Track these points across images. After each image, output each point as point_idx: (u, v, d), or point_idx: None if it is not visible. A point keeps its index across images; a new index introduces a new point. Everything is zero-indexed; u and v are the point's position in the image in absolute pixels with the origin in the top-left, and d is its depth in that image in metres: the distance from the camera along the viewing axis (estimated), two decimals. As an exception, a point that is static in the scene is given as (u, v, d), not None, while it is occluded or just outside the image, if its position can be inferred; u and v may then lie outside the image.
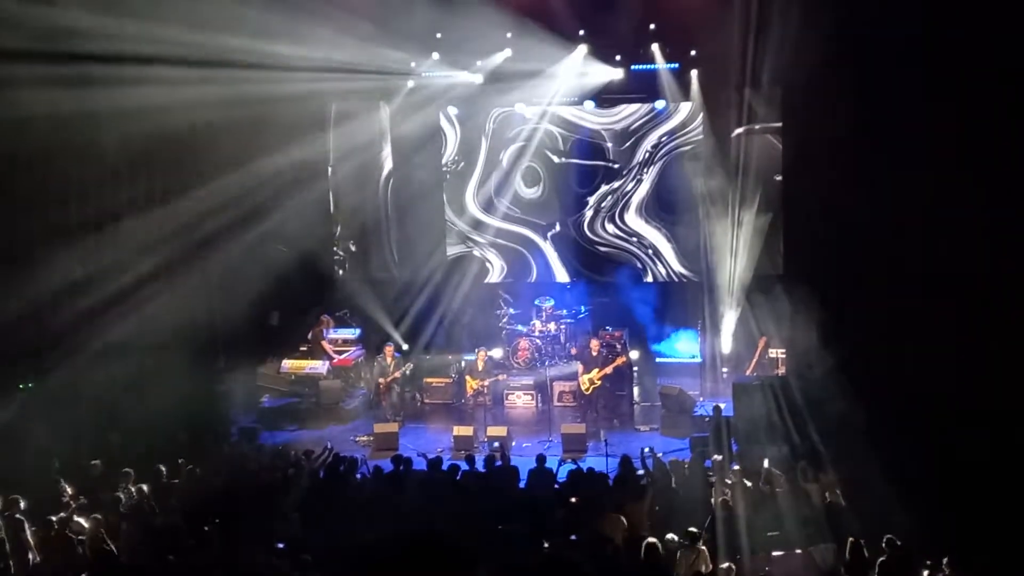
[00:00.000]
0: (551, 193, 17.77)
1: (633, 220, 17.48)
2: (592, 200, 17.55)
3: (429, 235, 17.95)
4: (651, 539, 8.17)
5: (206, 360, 14.49)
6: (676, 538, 8.67)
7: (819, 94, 12.81)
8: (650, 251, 17.50)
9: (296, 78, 14.26)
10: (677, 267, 17.38)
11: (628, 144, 17.28)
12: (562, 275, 17.91)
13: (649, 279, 17.51)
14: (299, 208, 15.89)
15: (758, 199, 15.64)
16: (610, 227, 17.55)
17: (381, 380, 15.21)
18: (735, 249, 15.72)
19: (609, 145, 17.33)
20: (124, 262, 13.07)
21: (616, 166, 17.39)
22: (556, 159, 17.58)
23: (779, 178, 15.55)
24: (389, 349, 15.51)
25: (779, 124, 15.34)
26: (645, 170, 17.28)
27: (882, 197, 12.40)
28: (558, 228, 17.79)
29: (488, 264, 18.18)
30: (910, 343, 11.96)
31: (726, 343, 15.79)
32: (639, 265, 17.54)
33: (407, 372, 15.60)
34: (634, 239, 17.52)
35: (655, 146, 17.18)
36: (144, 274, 13.25)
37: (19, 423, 11.38)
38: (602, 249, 17.67)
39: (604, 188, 17.46)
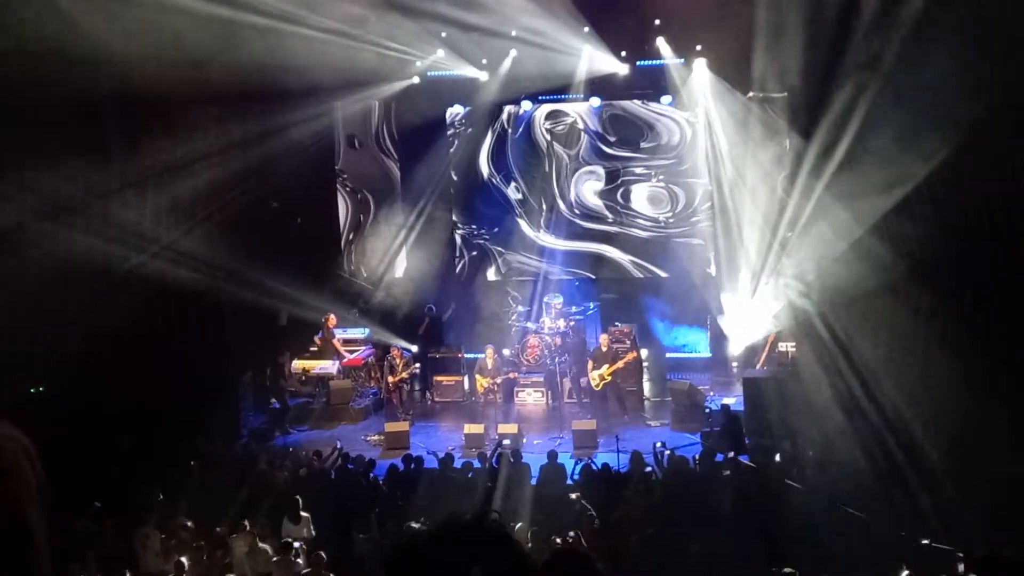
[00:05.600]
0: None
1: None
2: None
3: (437, 236, 17.89)
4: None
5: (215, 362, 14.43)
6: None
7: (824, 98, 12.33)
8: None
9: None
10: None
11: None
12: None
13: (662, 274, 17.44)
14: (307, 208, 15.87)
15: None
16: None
17: (391, 378, 15.22)
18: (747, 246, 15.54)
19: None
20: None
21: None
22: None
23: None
24: (396, 350, 15.52)
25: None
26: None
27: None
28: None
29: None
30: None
31: (735, 338, 15.70)
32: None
33: (416, 371, 15.60)
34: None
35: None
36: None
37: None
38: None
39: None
